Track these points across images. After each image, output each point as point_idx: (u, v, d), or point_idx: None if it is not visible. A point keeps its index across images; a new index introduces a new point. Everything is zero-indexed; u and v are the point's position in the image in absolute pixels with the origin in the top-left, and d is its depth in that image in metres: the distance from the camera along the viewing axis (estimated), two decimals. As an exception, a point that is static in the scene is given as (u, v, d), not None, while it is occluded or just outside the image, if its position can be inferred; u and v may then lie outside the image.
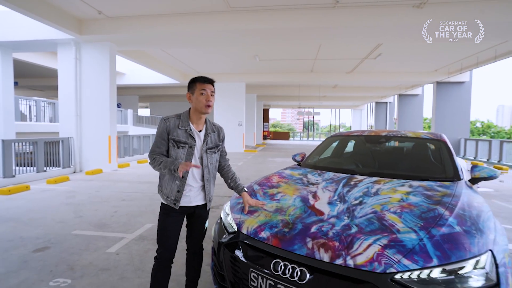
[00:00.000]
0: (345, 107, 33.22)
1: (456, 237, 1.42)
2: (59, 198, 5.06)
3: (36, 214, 4.14)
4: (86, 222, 3.80)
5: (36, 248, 2.96)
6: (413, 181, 2.19)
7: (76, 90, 8.08)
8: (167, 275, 1.84)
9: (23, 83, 16.86)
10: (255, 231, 1.71)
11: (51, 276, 2.40)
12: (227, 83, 15.58)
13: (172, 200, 1.77)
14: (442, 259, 1.31)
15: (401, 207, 1.73)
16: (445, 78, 13.71)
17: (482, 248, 1.37)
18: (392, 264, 1.31)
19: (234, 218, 1.90)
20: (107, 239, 3.21)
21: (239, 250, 1.70)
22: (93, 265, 2.61)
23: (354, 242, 1.44)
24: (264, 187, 2.29)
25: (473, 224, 1.52)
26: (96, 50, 8.07)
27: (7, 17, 7.78)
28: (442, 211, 1.64)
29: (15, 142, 6.74)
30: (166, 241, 1.81)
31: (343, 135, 3.46)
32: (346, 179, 2.31)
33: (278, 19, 6.79)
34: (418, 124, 19.53)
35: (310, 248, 1.48)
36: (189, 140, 1.77)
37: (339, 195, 1.97)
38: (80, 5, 6.65)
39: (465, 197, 1.87)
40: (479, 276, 1.29)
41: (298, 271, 1.43)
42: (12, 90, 9.22)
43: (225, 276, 1.75)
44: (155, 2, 6.59)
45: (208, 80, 1.78)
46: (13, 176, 6.40)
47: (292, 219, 1.72)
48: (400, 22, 6.42)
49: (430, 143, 2.90)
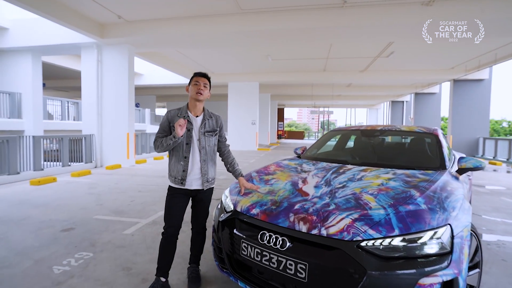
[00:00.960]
0: (360, 106, 32.79)
1: (420, 213, 1.61)
2: (82, 189, 5.52)
3: (62, 201, 4.58)
4: (105, 209, 4.18)
5: (63, 228, 3.35)
6: (399, 170, 2.37)
7: (97, 90, 8.63)
8: (172, 249, 2.13)
9: (50, 84, 17.92)
10: (247, 209, 1.96)
11: (76, 250, 2.76)
12: (241, 82, 15.89)
13: (179, 180, 2.06)
14: (403, 230, 1.51)
15: (379, 190, 1.92)
16: (463, 76, 13.38)
17: (441, 222, 1.55)
18: (359, 233, 1.52)
19: (231, 199, 2.16)
20: (123, 223, 3.56)
21: (234, 226, 1.95)
22: (111, 243, 2.95)
23: (329, 216, 1.66)
24: (261, 174, 2.53)
25: (438, 203, 1.70)
26: (116, 52, 8.58)
27: (37, 23, 8.44)
28: (414, 193, 1.82)
29: (43, 138, 7.33)
30: (171, 219, 2.10)
31: (342, 130, 3.65)
32: (337, 167, 2.51)
33: (287, 20, 7.00)
34: (435, 123, 19.05)
35: (292, 221, 1.71)
36: (188, 124, 2.07)
37: (326, 180, 2.18)
38: (102, 11, 7.14)
39: (441, 182, 2.04)
40: (434, 245, 1.48)
41: (280, 240, 1.66)
42: (40, 91, 9.96)
43: (222, 249, 2.01)
44: (170, 6, 6.97)
45: (202, 74, 2.09)
46: (42, 169, 6.97)
47: (280, 199, 1.96)
48: (409, 20, 6.46)
49: (422, 136, 3.04)
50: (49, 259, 2.57)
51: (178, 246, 2.20)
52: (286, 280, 1.64)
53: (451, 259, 1.47)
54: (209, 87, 2.11)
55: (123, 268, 2.44)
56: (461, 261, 1.51)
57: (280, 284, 1.72)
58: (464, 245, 1.57)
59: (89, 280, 2.24)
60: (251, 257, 1.76)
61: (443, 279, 1.42)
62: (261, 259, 1.71)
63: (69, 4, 6.82)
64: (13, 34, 8.92)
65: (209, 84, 2.13)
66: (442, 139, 2.90)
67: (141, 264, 2.51)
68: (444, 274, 1.42)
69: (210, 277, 2.31)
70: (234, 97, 16.15)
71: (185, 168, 2.07)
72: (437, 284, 1.41)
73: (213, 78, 11.48)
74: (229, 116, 16.36)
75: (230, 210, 2.09)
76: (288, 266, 1.60)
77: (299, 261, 1.57)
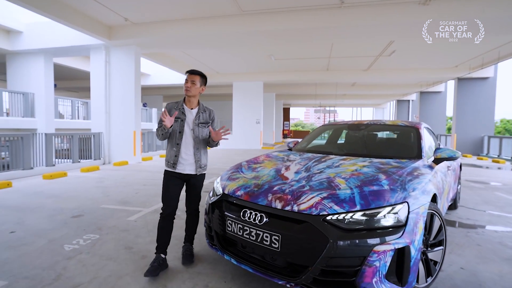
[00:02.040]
0: (366, 106, 32.69)
1: (381, 192, 1.82)
2: (90, 183, 5.85)
3: (72, 193, 4.90)
4: (112, 199, 4.48)
5: (73, 215, 3.65)
6: (376, 159, 2.57)
7: (105, 90, 9.00)
8: (170, 227, 2.38)
9: (61, 85, 18.50)
10: (233, 191, 2.20)
11: (84, 232, 3.05)
12: (245, 82, 16.13)
13: (171, 164, 2.33)
14: (364, 206, 1.73)
15: (351, 174, 2.14)
16: (467, 74, 13.34)
17: (399, 200, 1.77)
18: (325, 209, 1.75)
19: (221, 184, 2.40)
20: (128, 211, 3.85)
21: (221, 206, 2.20)
22: (116, 227, 3.23)
23: (302, 196, 1.89)
24: (251, 163, 2.77)
25: (400, 185, 1.91)
26: (123, 53, 8.93)
27: (49, 27, 8.85)
28: (381, 176, 2.03)
29: (54, 135, 7.72)
30: (167, 200, 2.36)
31: (332, 124, 3.86)
32: (320, 157, 2.73)
33: (286, 21, 7.21)
34: (441, 122, 18.96)
35: (269, 200, 1.94)
36: (182, 116, 2.35)
37: (306, 167, 2.41)
38: (110, 14, 7.48)
39: (410, 168, 2.24)
40: (390, 219, 1.70)
41: (258, 217, 1.90)
42: (52, 91, 10.40)
43: (212, 228, 2.26)
44: (174, 9, 7.26)
45: (190, 71, 2.36)
46: (53, 165, 7.36)
47: (262, 182, 2.19)
48: (407, 19, 6.59)
49: (404, 130, 3.22)
50: (61, 239, 2.86)
51: (174, 230, 2.45)
52: (264, 251, 1.87)
53: (404, 231, 1.68)
54: (200, 82, 2.36)
55: (126, 247, 2.71)
56: (414, 233, 1.72)
57: (260, 256, 1.96)
58: (419, 220, 1.78)
59: (95, 256, 2.52)
60: (234, 232, 2.01)
61: (395, 246, 1.63)
62: (243, 234, 1.95)
63: (78, 8, 7.18)
64: (27, 37, 9.37)
65: (202, 79, 2.37)
66: (423, 132, 3.07)
67: (142, 245, 2.78)
68: (396, 242, 1.64)
69: (202, 255, 2.56)
70: (239, 97, 16.41)
71: (177, 154, 2.34)
72: (390, 251, 1.63)
73: (218, 78, 11.82)
74: (233, 115, 16.62)
75: (219, 193, 2.33)
76: (264, 238, 1.84)
77: (274, 233, 1.80)
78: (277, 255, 1.82)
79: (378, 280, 1.62)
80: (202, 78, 2.39)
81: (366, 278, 1.61)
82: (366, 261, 1.61)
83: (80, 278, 2.16)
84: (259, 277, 2.18)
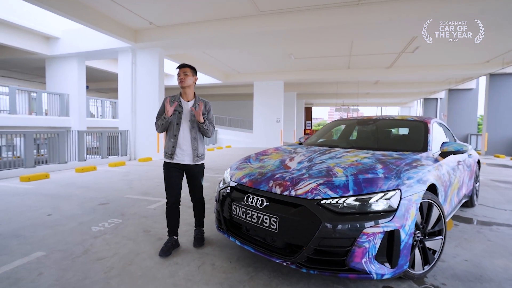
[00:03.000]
0: (391, 105, 31.61)
1: (375, 179, 1.92)
2: (117, 176, 6.30)
3: (100, 185, 5.33)
4: (135, 191, 4.84)
5: (100, 203, 4.02)
6: (380, 151, 2.64)
7: (132, 90, 9.55)
8: (176, 214, 2.59)
9: (93, 87, 19.71)
10: (239, 179, 2.38)
11: (109, 217, 3.37)
12: (265, 81, 16.28)
13: (169, 154, 2.52)
14: (356, 192, 1.84)
15: (351, 164, 2.24)
16: (500, 69, 12.59)
17: (392, 187, 1.86)
18: (320, 194, 1.88)
19: (230, 174, 2.59)
20: (148, 201, 4.16)
21: (229, 193, 2.38)
22: (137, 214, 3.53)
23: (300, 182, 2.03)
24: (259, 155, 2.94)
25: (395, 174, 1.99)
26: (148, 55, 9.43)
27: (82, 33, 9.55)
28: (378, 166, 2.12)
29: (86, 133, 8.34)
30: (170, 190, 2.56)
31: (343, 120, 3.93)
32: (325, 150, 2.83)
33: (303, 20, 7.28)
34: (471, 121, 17.98)
35: (270, 186, 2.10)
36: (178, 108, 2.51)
37: (309, 159, 2.53)
38: (135, 18, 7.96)
39: (410, 160, 2.30)
40: (382, 204, 1.80)
41: (260, 201, 2.06)
42: (84, 92, 11.19)
43: (220, 213, 2.45)
44: (195, 11, 7.59)
45: (181, 65, 2.52)
46: (85, 160, 7.96)
47: (266, 171, 2.35)
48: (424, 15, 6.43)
49: (413, 124, 3.23)
50: (89, 222, 3.20)
51: (187, 217, 2.64)
52: (265, 233, 2.03)
53: (395, 215, 1.77)
54: (191, 73, 2.51)
55: (144, 231, 2.98)
56: (405, 218, 1.80)
57: (262, 238, 2.12)
58: (411, 207, 1.85)
59: (117, 236, 2.80)
60: (239, 215, 2.18)
61: (384, 229, 1.73)
62: (246, 217, 2.12)
63: (107, 13, 7.71)
64: (63, 42, 10.18)
65: (192, 71, 2.53)
66: (432, 127, 3.06)
67: (158, 229, 3.03)
68: (386, 225, 1.74)
69: (212, 240, 2.76)
70: (260, 96, 16.59)
71: (174, 145, 2.49)
72: (380, 233, 1.72)
73: (239, 77, 12.13)
74: (254, 114, 16.84)
75: (227, 181, 2.52)
76: (264, 220, 1.99)
77: (272, 215, 1.96)
78: (275, 236, 1.97)
79: (367, 260, 1.72)
80: (192, 69, 2.54)
81: (356, 258, 1.72)
82: (356, 242, 1.72)
83: (104, 253, 2.44)
84: (262, 259, 2.34)
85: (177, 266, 2.24)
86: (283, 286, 1.98)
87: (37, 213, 3.52)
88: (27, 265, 2.23)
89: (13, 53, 10.76)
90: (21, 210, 3.64)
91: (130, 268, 2.20)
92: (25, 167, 6.39)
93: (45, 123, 10.49)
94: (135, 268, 2.20)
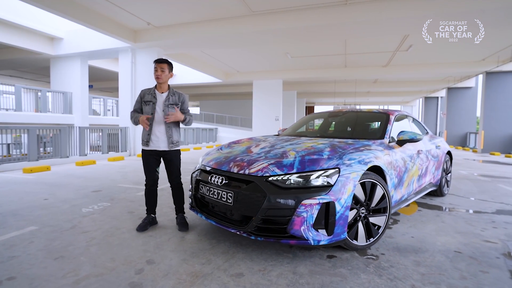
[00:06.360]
0: (393, 103, 31.59)
1: (318, 159, 2.19)
2: (114, 169, 6.65)
3: (97, 175, 5.68)
4: (128, 181, 5.17)
5: (93, 190, 4.35)
6: (338, 139, 2.90)
7: (131, 89, 9.92)
8: (154, 195, 2.88)
9: (97, 86, 20.22)
10: (207, 162, 2.67)
11: (99, 201, 3.70)
12: (265, 80, 16.54)
13: (145, 141, 2.79)
14: (299, 170, 2.12)
15: (305, 148, 2.51)
16: (495, 68, 12.66)
17: (331, 166, 2.13)
18: (268, 172, 2.16)
19: (202, 159, 2.88)
20: (138, 189, 4.48)
21: (198, 175, 2.67)
22: (125, 199, 3.85)
23: (254, 163, 2.31)
24: (232, 143, 3.23)
25: (338, 155, 2.26)
26: (147, 55, 9.78)
27: (84, 33, 9.95)
28: (326, 149, 2.39)
29: (87, 129, 8.73)
30: (148, 174, 2.85)
31: (317, 114, 4.19)
32: (291, 138, 3.11)
33: (293, 20, 7.54)
34: (470, 119, 17.99)
35: (230, 167, 2.39)
36: (153, 99, 2.76)
37: (272, 145, 2.80)
38: (134, 19, 8.31)
39: (359, 145, 2.56)
40: (320, 180, 2.07)
41: (220, 179, 2.35)
42: (87, 90, 11.61)
43: (191, 193, 2.74)
44: (190, 12, 7.90)
45: (158, 60, 2.73)
46: (86, 155, 8.34)
47: (231, 155, 2.63)
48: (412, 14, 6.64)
49: (376, 116, 3.48)
50: (80, 205, 3.53)
51: (167, 198, 2.91)
52: (225, 207, 2.31)
53: (331, 190, 2.04)
54: (168, 69, 2.75)
55: (129, 212, 3.30)
56: (342, 193, 2.07)
57: (223, 213, 2.41)
58: (348, 183, 2.11)
59: (104, 216, 3.12)
60: (204, 193, 2.47)
61: (320, 201, 2.00)
62: (209, 194, 2.41)
63: (107, 15, 8.08)
64: (66, 42, 10.60)
65: (169, 66, 2.76)
66: (393, 118, 3.30)
67: (141, 211, 3.34)
68: (322, 198, 2.01)
69: (195, 223, 3.03)
70: (259, 94, 16.85)
71: (150, 133, 2.75)
72: (316, 204, 2.00)
73: (239, 76, 12.48)
74: (254, 112, 17.11)
75: (199, 165, 2.81)
76: (222, 196, 2.28)
77: (229, 191, 2.24)
78: (232, 210, 2.26)
79: (306, 228, 1.99)
80: (169, 65, 2.78)
81: (295, 226, 1.99)
82: (295, 212, 1.99)
83: (88, 228, 2.76)
84: (227, 233, 2.63)
85: (151, 238, 2.54)
86: (238, 253, 2.26)
87: (35, 198, 3.86)
88: (20, 236, 2.56)
89: (19, 53, 11.24)
90: (20, 196, 3.99)
91: (109, 239, 2.51)
92: (29, 160, 6.78)
93: (49, 120, 10.93)
94: (114, 239, 2.51)
